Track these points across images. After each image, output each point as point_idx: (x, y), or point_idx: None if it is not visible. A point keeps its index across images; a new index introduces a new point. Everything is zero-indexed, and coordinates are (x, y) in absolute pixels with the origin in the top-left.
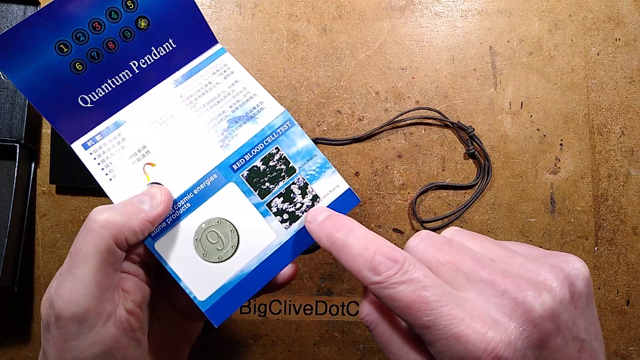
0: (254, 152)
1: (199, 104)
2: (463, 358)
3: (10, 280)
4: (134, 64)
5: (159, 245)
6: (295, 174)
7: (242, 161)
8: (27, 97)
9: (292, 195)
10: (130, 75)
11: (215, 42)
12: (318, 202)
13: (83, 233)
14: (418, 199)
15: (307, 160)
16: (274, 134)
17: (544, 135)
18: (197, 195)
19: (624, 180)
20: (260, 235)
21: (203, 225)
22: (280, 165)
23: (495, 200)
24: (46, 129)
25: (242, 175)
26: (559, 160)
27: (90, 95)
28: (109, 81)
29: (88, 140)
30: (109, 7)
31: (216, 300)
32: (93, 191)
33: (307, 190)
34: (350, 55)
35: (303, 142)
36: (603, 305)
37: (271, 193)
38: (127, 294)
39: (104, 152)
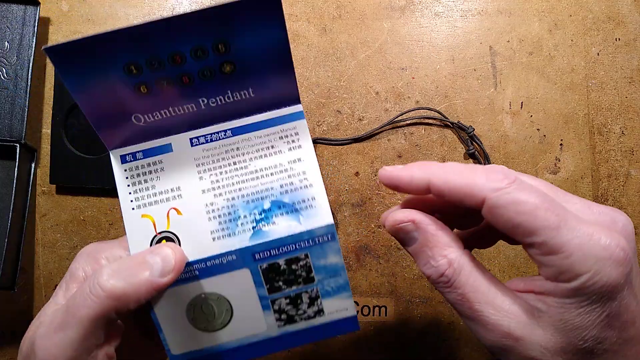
0: (282, 250)
1: (251, 167)
2: (597, 255)
3: (10, 281)
4: (203, 101)
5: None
6: (312, 284)
7: (267, 254)
8: (77, 102)
9: (299, 301)
10: (195, 110)
11: (298, 102)
12: (321, 315)
13: (85, 293)
14: None
15: (330, 277)
16: (311, 241)
17: (544, 135)
18: (209, 268)
19: (624, 180)
20: (251, 323)
21: (202, 295)
22: (302, 271)
23: None
24: (46, 129)
25: (260, 267)
26: (559, 160)
27: (146, 116)
28: (171, 109)
29: (128, 154)
30: (197, 46)
31: (186, 359)
32: (93, 191)
33: (315, 303)
34: (350, 55)
35: (335, 259)
36: None
37: (280, 292)
38: (110, 340)
39: (138, 174)
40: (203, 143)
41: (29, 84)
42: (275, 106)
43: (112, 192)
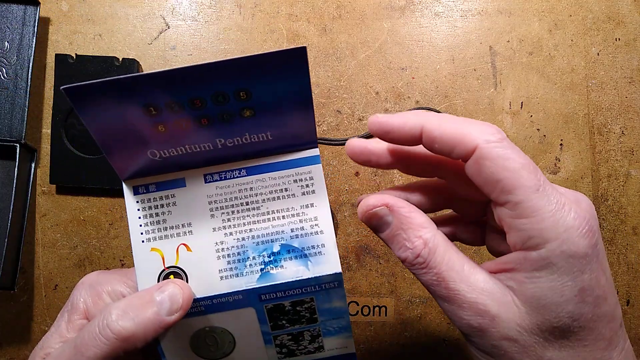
0: (288, 293)
1: (263, 209)
2: (567, 225)
3: (10, 281)
4: (220, 141)
5: None
6: (315, 324)
7: (273, 296)
8: (95, 139)
9: (300, 338)
10: (211, 148)
11: (315, 145)
12: (320, 352)
13: (94, 334)
14: None
15: (333, 319)
16: (317, 287)
17: (544, 135)
18: (215, 305)
19: (624, 180)
20: (253, 354)
21: (207, 328)
22: (306, 313)
23: None
24: (46, 129)
25: (266, 307)
26: (559, 160)
27: (162, 151)
28: (187, 147)
29: (141, 186)
30: (219, 93)
31: None
32: (93, 191)
33: (317, 340)
34: (350, 55)
35: (340, 303)
36: None
37: (283, 329)
38: None
39: (150, 207)
40: (217, 180)
41: (29, 84)
42: (291, 148)
43: (112, 192)
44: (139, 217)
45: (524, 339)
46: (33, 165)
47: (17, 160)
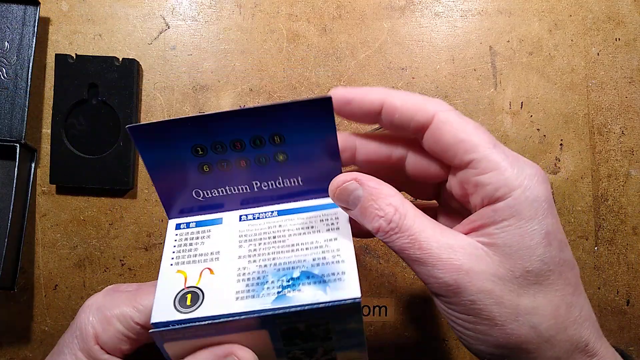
0: (303, 316)
1: (289, 242)
2: (526, 173)
3: (10, 280)
4: (256, 184)
5: (167, 345)
6: (329, 342)
7: (287, 320)
8: (149, 173)
9: (314, 352)
10: (248, 190)
11: None
12: None
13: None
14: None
15: (348, 337)
16: (334, 311)
17: (544, 135)
18: (227, 327)
19: (624, 180)
20: None
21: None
22: (321, 333)
23: None
24: (46, 129)
25: (279, 330)
26: (559, 160)
27: (205, 192)
28: (227, 188)
29: (183, 224)
30: (256, 136)
31: None
32: (93, 191)
33: (330, 354)
34: (350, 55)
35: (356, 326)
36: (603, 305)
37: (297, 346)
38: None
39: (186, 239)
40: (250, 220)
41: (29, 84)
42: (320, 194)
43: (112, 192)
44: (174, 246)
45: (500, 288)
46: (33, 165)
47: (17, 160)
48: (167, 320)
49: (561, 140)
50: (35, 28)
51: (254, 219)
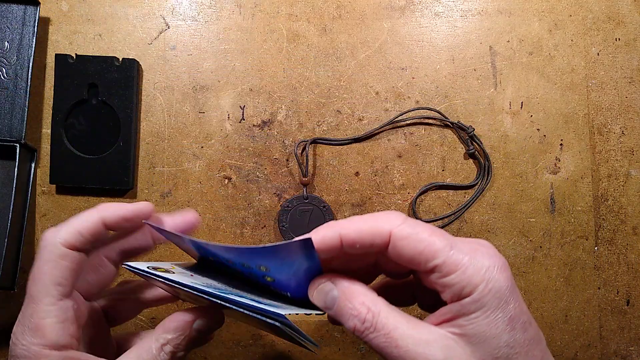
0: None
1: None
2: (485, 266)
3: (10, 280)
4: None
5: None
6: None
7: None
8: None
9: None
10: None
11: (324, 312)
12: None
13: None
14: (418, 199)
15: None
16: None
17: (544, 135)
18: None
19: (624, 180)
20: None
21: None
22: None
23: (495, 200)
24: (46, 129)
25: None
26: (559, 160)
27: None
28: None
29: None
30: (245, 263)
31: None
32: (93, 191)
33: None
34: (350, 55)
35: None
36: (603, 305)
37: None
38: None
39: (156, 267)
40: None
41: (28, 84)
42: (307, 306)
43: (112, 192)
44: (148, 266)
45: None
46: (33, 165)
47: (17, 160)
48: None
49: (561, 140)
50: (35, 28)
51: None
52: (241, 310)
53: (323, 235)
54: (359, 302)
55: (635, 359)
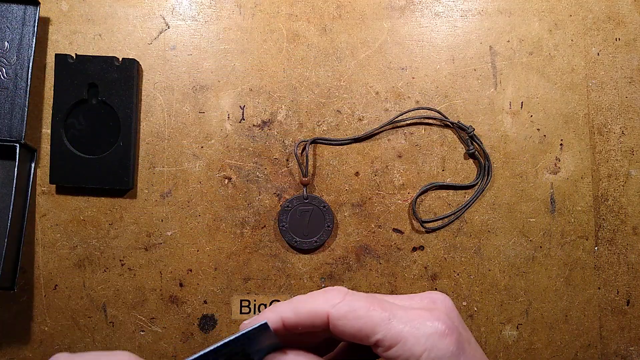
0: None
1: None
2: (426, 333)
3: (10, 281)
4: None
5: None
6: None
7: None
8: None
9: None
10: None
11: None
12: None
13: None
14: (418, 199)
15: (269, 352)
16: (247, 339)
17: (544, 135)
18: None
19: (624, 180)
20: None
21: None
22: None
23: (495, 200)
24: (46, 129)
25: None
26: (559, 160)
27: None
28: None
29: None
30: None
31: None
32: (93, 191)
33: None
34: (350, 55)
35: (273, 341)
36: (603, 305)
37: None
38: None
39: None
40: None
41: (28, 83)
42: None
43: (112, 192)
44: None
45: None
46: (33, 165)
47: (17, 160)
48: None
49: (561, 140)
50: (35, 28)
51: None
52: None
53: (266, 319)
54: None
55: (635, 359)
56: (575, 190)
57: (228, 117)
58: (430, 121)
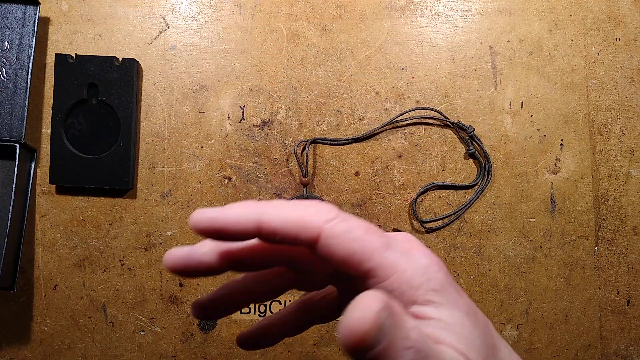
0: None
1: None
2: (423, 265)
3: (10, 281)
4: None
5: None
6: None
7: None
8: None
9: None
10: None
11: None
12: None
13: None
14: (418, 199)
15: None
16: None
17: (544, 135)
18: None
19: (624, 180)
20: None
21: None
22: None
23: (495, 200)
24: (46, 129)
25: None
26: (559, 160)
27: None
28: None
29: None
30: None
31: None
32: (93, 191)
33: None
34: (350, 55)
35: None
36: (603, 305)
37: None
38: None
39: None
40: None
41: (28, 84)
42: None
43: (112, 192)
44: None
45: None
46: (33, 165)
47: (17, 160)
48: None
49: (561, 140)
50: (35, 28)
51: None
52: None
53: (237, 214)
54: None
55: (635, 359)
56: (575, 190)
57: (228, 117)
58: (430, 121)
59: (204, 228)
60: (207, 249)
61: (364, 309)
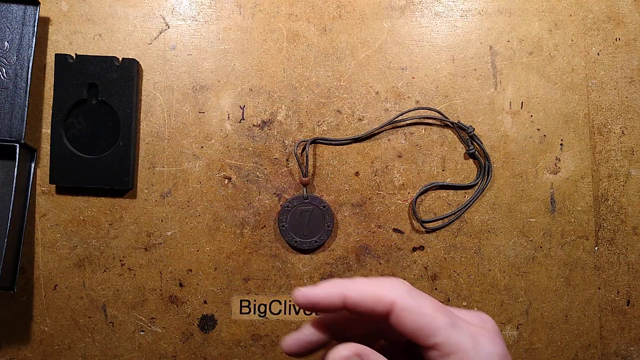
0: None
1: None
2: (487, 352)
3: (10, 281)
4: None
5: None
6: None
7: None
8: None
9: None
10: None
11: None
12: None
13: None
14: (418, 199)
15: None
16: None
17: (544, 135)
18: None
19: (624, 180)
20: None
21: None
22: None
23: (495, 200)
24: (46, 129)
25: None
26: (559, 160)
27: None
28: None
29: None
30: None
31: None
32: (93, 191)
33: None
34: (350, 55)
35: None
36: (603, 305)
37: None
38: None
39: None
40: None
41: (28, 83)
42: None
43: (112, 192)
44: None
45: None
46: (33, 165)
47: (17, 160)
48: None
49: (561, 140)
50: (35, 28)
51: None
52: None
53: (327, 291)
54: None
55: (635, 359)
56: (575, 190)
57: (228, 117)
58: (430, 121)
59: (303, 304)
60: (310, 330)
61: (338, 350)
